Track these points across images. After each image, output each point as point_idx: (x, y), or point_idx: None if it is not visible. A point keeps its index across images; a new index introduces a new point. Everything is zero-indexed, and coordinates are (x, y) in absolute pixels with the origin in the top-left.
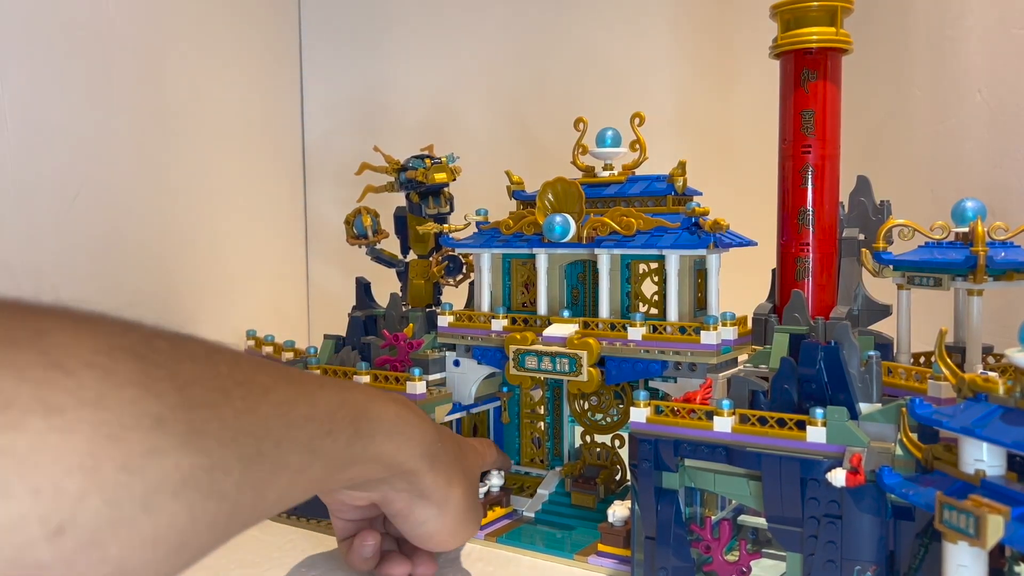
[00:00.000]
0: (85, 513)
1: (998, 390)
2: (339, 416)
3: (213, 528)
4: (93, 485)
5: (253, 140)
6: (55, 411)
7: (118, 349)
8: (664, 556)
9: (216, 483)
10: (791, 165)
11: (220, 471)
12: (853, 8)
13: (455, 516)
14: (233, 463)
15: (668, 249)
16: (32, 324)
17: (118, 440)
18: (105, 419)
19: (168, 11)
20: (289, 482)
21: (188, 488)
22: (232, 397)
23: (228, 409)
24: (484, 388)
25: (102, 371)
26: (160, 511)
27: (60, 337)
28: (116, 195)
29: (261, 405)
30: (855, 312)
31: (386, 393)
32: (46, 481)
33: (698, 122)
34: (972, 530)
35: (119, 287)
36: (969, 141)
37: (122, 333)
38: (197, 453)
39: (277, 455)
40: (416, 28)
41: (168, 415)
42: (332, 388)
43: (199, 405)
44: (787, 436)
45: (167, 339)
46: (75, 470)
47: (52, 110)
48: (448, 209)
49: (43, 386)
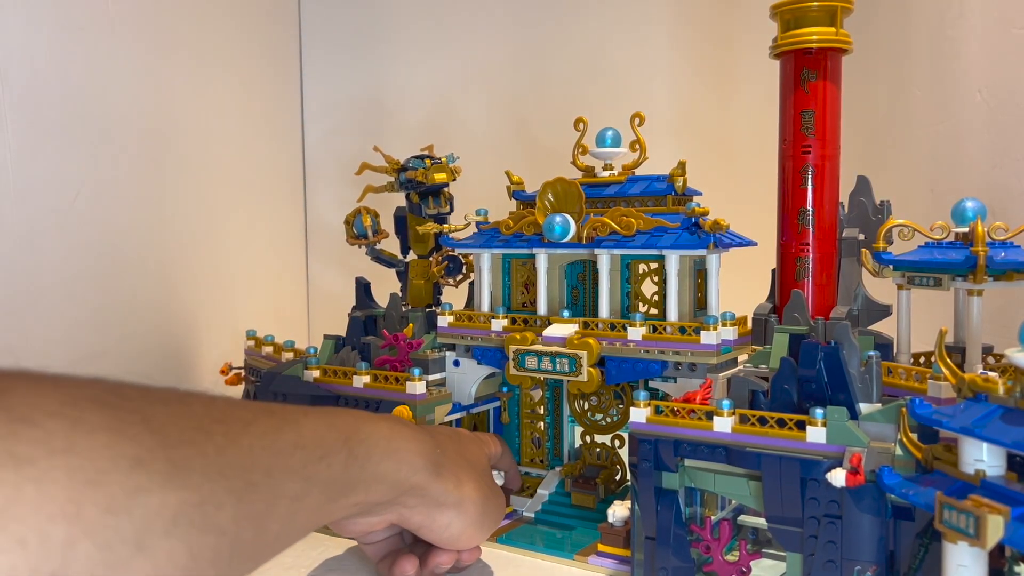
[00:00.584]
0: (76, 560)
1: (998, 390)
2: (329, 440)
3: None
4: (80, 531)
5: (253, 140)
6: (25, 462)
7: (83, 399)
8: (664, 556)
9: (209, 517)
10: (791, 165)
11: (211, 505)
12: (853, 8)
13: (476, 511)
14: (224, 496)
15: (668, 249)
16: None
17: (98, 484)
18: (80, 465)
19: (168, 12)
20: (289, 511)
21: (181, 525)
22: (212, 433)
23: (209, 445)
24: (484, 388)
25: (70, 420)
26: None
27: (22, 393)
28: (116, 195)
29: (243, 437)
30: (855, 312)
31: (374, 413)
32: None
33: (698, 122)
34: (972, 530)
35: (119, 287)
36: (969, 141)
37: (87, 385)
38: (183, 489)
39: (270, 485)
40: (416, 28)
41: (146, 456)
42: (317, 414)
43: (178, 444)
44: (787, 436)
45: (136, 388)
46: (58, 517)
47: (52, 110)
48: (448, 209)
49: (9, 439)
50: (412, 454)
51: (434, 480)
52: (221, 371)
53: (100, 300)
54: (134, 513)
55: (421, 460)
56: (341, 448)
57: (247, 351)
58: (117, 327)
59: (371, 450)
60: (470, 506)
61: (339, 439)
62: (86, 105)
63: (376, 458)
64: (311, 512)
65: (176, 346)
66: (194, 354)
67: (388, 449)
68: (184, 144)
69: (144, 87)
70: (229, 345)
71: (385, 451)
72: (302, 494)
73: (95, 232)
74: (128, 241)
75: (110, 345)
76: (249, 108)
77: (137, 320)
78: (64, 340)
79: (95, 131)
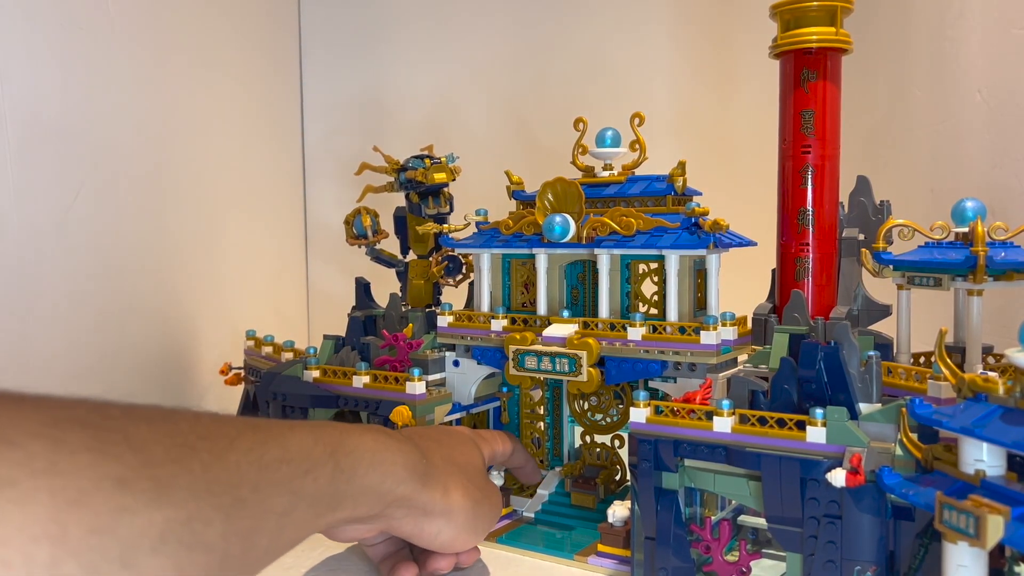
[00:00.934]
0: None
1: (998, 390)
2: (315, 454)
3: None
4: (64, 551)
5: (253, 140)
6: (6, 484)
7: (65, 420)
8: (664, 556)
9: (197, 535)
10: (791, 165)
11: (199, 522)
12: (853, 8)
13: (465, 517)
14: (211, 513)
15: (668, 249)
16: None
17: (81, 504)
18: (62, 485)
19: (168, 12)
20: (277, 526)
21: (168, 543)
22: (198, 450)
23: (195, 462)
24: (484, 388)
25: (52, 441)
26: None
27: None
28: (116, 196)
29: (229, 453)
30: (855, 312)
31: (360, 425)
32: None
33: (698, 122)
34: (972, 530)
35: (119, 287)
36: (969, 141)
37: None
38: (169, 507)
39: (257, 500)
40: (416, 28)
41: (130, 475)
42: (302, 428)
43: (163, 462)
44: (787, 436)
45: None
46: (41, 538)
47: (52, 110)
48: (448, 209)
49: None
50: (397, 466)
51: (420, 490)
52: (221, 371)
53: (100, 300)
54: (119, 533)
55: (406, 472)
56: (327, 461)
57: (247, 351)
58: (117, 327)
59: (357, 463)
60: (459, 513)
61: (325, 452)
62: (86, 105)
63: (362, 471)
64: (298, 526)
65: (176, 346)
66: (194, 354)
67: (373, 461)
68: (184, 144)
69: (144, 87)
70: (229, 345)
71: (371, 463)
72: (290, 508)
73: (95, 232)
74: (128, 241)
75: (110, 345)
76: (249, 108)
77: (137, 320)
78: (64, 340)
79: (95, 131)
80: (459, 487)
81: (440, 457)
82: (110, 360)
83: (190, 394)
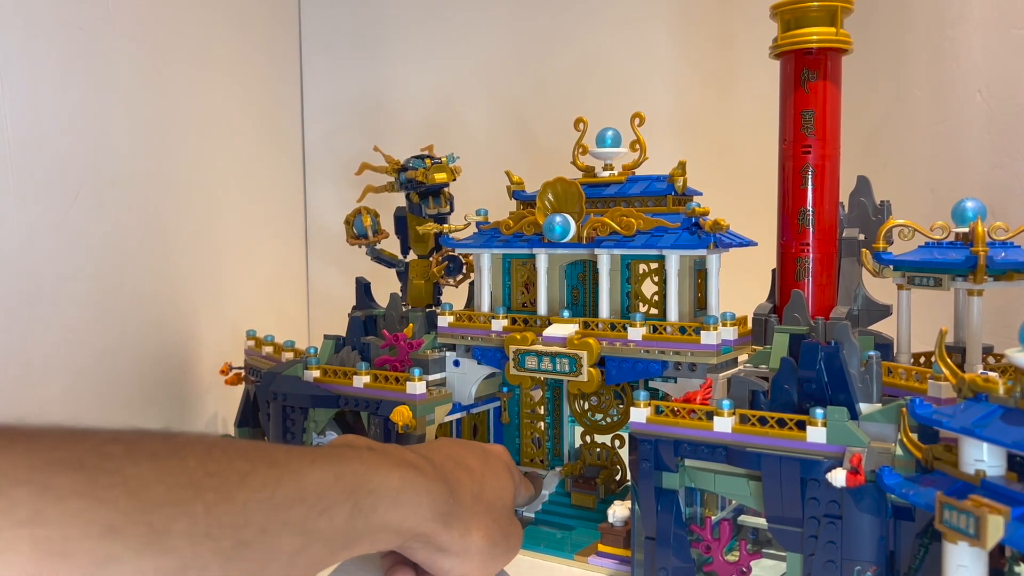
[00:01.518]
0: None
1: (998, 390)
2: (334, 492)
3: None
4: None
5: (253, 140)
6: None
7: (56, 463)
8: (664, 556)
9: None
10: (791, 165)
11: (194, 569)
12: (853, 8)
13: (481, 560)
14: (209, 559)
15: (668, 249)
16: None
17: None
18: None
19: (168, 12)
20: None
21: None
22: (203, 489)
23: (198, 503)
24: (484, 388)
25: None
26: None
27: None
28: (117, 195)
29: (238, 493)
30: (855, 312)
31: (389, 456)
32: None
33: (698, 122)
34: (972, 530)
35: (119, 287)
36: (969, 141)
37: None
38: (162, 555)
39: (264, 543)
40: (416, 28)
41: (122, 521)
42: (325, 463)
43: (162, 504)
44: (787, 436)
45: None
46: None
47: (52, 110)
48: (448, 209)
49: None
50: (422, 506)
51: (441, 530)
52: (221, 371)
53: (100, 300)
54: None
55: (430, 511)
56: (346, 500)
57: (247, 351)
58: (117, 327)
59: (378, 502)
60: (475, 555)
61: (344, 491)
62: (86, 105)
63: (382, 510)
64: (310, 564)
65: (176, 346)
66: (194, 354)
67: (397, 501)
68: (184, 144)
69: (144, 88)
70: (229, 345)
71: (393, 502)
72: (301, 548)
73: (95, 232)
74: (128, 241)
75: (110, 345)
76: (249, 109)
77: (137, 320)
78: (65, 340)
79: (95, 131)
80: (481, 528)
81: (469, 494)
82: (110, 360)
83: (190, 394)
